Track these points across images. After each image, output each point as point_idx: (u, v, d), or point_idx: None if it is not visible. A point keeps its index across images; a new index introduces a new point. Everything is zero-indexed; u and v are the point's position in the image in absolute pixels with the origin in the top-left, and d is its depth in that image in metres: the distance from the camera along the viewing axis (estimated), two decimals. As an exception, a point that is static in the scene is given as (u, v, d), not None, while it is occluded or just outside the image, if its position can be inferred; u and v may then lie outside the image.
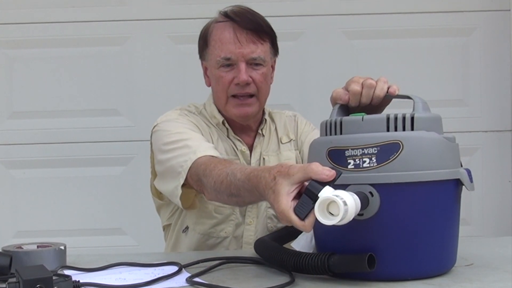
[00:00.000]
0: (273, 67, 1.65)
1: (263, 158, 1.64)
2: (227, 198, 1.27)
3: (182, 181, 1.41)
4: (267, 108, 1.69)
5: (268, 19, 1.60)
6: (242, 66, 1.52)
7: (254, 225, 1.60)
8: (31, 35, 2.43)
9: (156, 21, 2.45)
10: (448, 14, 2.48)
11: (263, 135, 1.66)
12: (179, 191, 1.42)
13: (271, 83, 1.64)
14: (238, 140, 1.62)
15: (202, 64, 1.66)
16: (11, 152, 2.44)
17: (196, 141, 1.46)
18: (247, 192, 1.16)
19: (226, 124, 1.61)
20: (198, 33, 1.63)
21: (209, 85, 1.65)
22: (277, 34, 1.62)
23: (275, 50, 1.62)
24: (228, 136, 1.62)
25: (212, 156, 1.40)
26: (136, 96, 2.46)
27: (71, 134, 2.44)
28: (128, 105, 2.46)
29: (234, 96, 1.56)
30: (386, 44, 2.48)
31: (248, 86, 1.54)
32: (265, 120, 1.66)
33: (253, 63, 1.54)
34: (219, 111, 1.62)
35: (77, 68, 2.44)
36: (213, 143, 1.55)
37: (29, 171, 2.44)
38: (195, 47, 1.66)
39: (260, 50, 1.55)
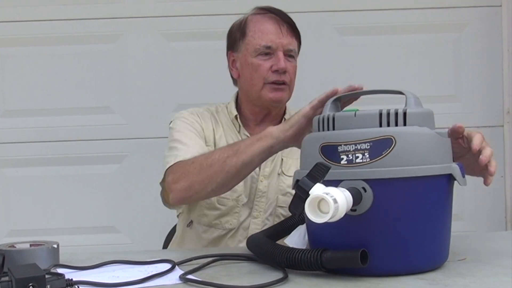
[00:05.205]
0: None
1: (282, 159, 1.66)
2: (219, 166, 1.40)
3: (161, 177, 1.57)
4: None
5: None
6: (281, 54, 1.60)
7: (261, 219, 1.62)
8: (23, 33, 2.42)
9: (148, 18, 2.44)
10: (440, 10, 2.49)
11: None
12: (160, 187, 1.61)
13: None
14: (247, 136, 1.65)
15: (229, 57, 1.71)
16: (3, 150, 2.42)
17: (185, 146, 1.56)
18: (246, 144, 1.38)
19: (239, 120, 1.68)
20: (191, 31, 1.64)
21: (237, 76, 1.69)
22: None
23: (298, 51, 1.68)
24: (238, 132, 1.68)
25: None
26: (129, 93, 2.45)
27: (64, 132, 2.43)
28: (121, 103, 2.45)
29: (269, 83, 1.62)
30: (378, 40, 2.48)
31: (284, 74, 1.61)
32: (285, 112, 1.71)
33: (288, 55, 1.62)
34: (236, 107, 1.70)
35: (69, 66, 2.43)
36: (214, 137, 1.65)
37: (22, 170, 2.43)
38: (188, 45, 1.67)
39: (294, 43, 1.64)
